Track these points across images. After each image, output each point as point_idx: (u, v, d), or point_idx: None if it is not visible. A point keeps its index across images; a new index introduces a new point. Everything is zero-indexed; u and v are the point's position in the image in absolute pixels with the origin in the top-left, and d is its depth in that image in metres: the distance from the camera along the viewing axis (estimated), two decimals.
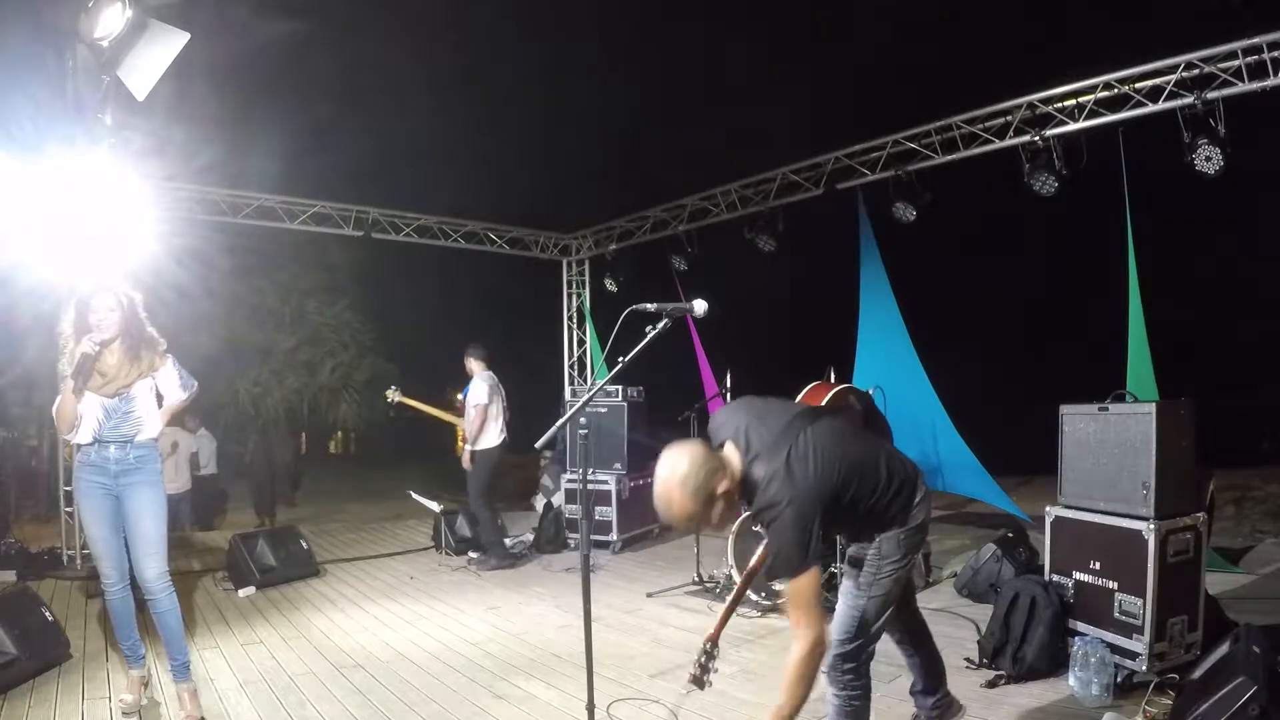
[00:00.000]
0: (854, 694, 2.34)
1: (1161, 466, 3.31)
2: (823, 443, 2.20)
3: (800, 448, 2.16)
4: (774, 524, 2.11)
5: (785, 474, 2.12)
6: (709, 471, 2.11)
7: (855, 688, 2.34)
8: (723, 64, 5.35)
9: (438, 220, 8.44)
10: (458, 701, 3.41)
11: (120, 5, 3.45)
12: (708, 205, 7.72)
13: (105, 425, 3.13)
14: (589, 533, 2.86)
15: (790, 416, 2.29)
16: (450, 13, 4.50)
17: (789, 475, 2.12)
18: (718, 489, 2.13)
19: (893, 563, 2.34)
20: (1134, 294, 5.23)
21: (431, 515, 6.90)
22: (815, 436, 2.21)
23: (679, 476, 2.10)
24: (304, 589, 5.51)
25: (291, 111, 5.59)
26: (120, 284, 3.25)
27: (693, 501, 2.10)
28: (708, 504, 2.12)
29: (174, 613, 3.21)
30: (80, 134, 3.96)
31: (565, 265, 9.77)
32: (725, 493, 2.15)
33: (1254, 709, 2.30)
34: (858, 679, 2.35)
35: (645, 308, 2.70)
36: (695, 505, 2.10)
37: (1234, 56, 4.54)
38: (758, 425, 2.25)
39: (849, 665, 2.33)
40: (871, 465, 2.29)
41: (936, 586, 5.13)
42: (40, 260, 4.22)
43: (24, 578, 5.39)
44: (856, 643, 2.34)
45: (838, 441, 2.24)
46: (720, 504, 2.15)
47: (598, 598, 3.80)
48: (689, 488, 2.09)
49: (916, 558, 2.52)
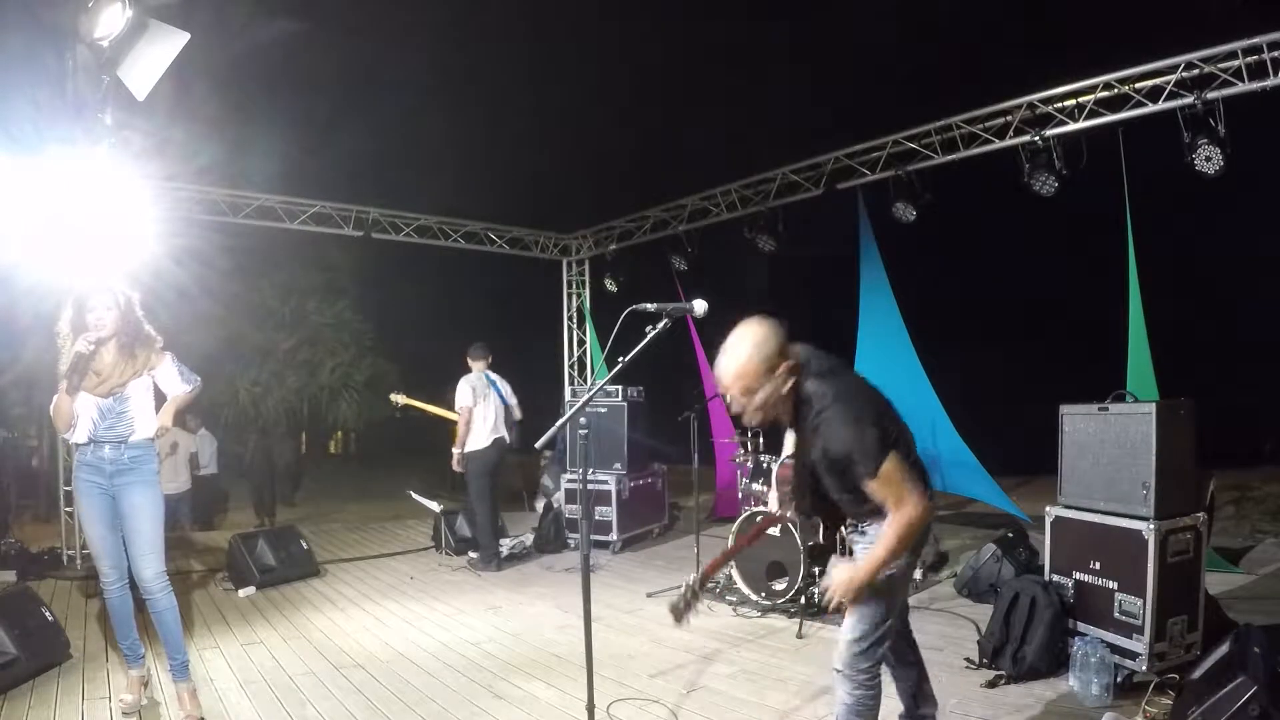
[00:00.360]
0: (868, 694, 2.33)
1: (1161, 466, 3.31)
2: (873, 390, 2.30)
3: (856, 380, 2.29)
4: (830, 432, 2.16)
5: (842, 390, 2.19)
6: (781, 345, 2.19)
7: (869, 687, 2.33)
8: (723, 64, 5.35)
9: (438, 220, 8.44)
10: (458, 701, 3.41)
11: (120, 5, 3.46)
12: (708, 205, 7.73)
13: (100, 425, 3.12)
14: (589, 533, 2.86)
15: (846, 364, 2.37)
16: (450, 12, 4.51)
17: (845, 391, 2.20)
18: (781, 366, 2.19)
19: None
20: (1134, 294, 5.23)
21: (431, 515, 6.90)
22: (867, 383, 2.32)
23: (756, 336, 2.19)
24: (304, 589, 5.51)
25: (291, 111, 5.59)
26: (117, 283, 3.24)
27: (757, 363, 2.16)
28: (767, 373, 2.18)
29: (172, 612, 3.20)
30: (80, 134, 3.96)
31: (565, 265, 9.77)
32: (784, 372, 2.19)
33: (1254, 709, 2.31)
34: (872, 679, 2.33)
35: (645, 308, 2.71)
36: (757, 367, 2.16)
37: (1234, 56, 4.54)
38: (817, 355, 2.30)
39: (864, 665, 2.32)
40: (906, 434, 2.33)
41: (936, 586, 5.13)
42: (40, 260, 4.22)
43: (24, 578, 5.39)
44: (868, 641, 2.32)
45: (884, 398, 2.33)
46: (774, 383, 2.19)
47: (598, 598, 3.79)
48: (761, 350, 2.16)
49: (916, 560, 2.49)
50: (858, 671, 2.32)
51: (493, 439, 6.13)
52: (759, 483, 5.00)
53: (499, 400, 6.19)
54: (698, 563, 5.49)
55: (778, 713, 3.21)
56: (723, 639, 4.23)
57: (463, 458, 6.10)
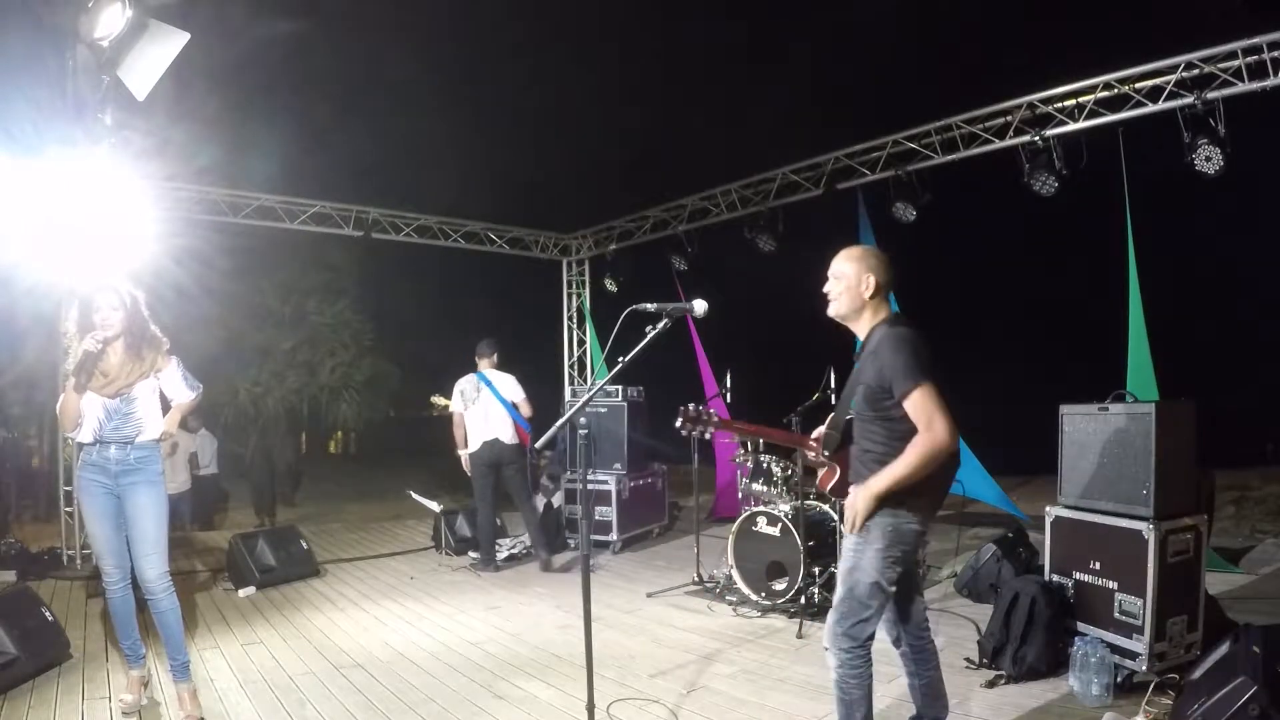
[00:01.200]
0: (850, 672, 2.42)
1: (1161, 466, 3.31)
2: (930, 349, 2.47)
3: (922, 335, 2.47)
4: (884, 349, 2.41)
5: (906, 331, 2.44)
6: (878, 280, 2.53)
7: (851, 666, 2.42)
8: (723, 64, 5.35)
9: (438, 220, 8.44)
10: (458, 701, 3.41)
11: (120, 5, 3.46)
12: (708, 205, 7.73)
13: (106, 426, 3.13)
14: (589, 533, 2.86)
15: None
16: (450, 13, 4.50)
17: (908, 332, 2.44)
18: (874, 281, 2.52)
19: (885, 548, 2.40)
20: (1134, 294, 5.23)
21: (431, 515, 6.90)
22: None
23: (874, 252, 2.64)
24: (304, 589, 5.51)
25: (291, 111, 5.59)
26: (123, 283, 3.25)
27: (861, 269, 2.53)
28: (863, 275, 2.53)
29: (174, 613, 3.21)
30: (80, 134, 3.97)
31: (565, 265, 9.77)
32: (872, 287, 2.52)
33: (1254, 709, 2.31)
34: (854, 659, 2.42)
35: (645, 308, 2.72)
36: (859, 270, 2.53)
37: (1234, 56, 4.55)
38: (903, 318, 2.57)
39: (846, 644, 2.43)
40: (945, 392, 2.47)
41: (936, 586, 5.13)
42: (40, 260, 4.22)
43: (24, 578, 5.38)
44: (850, 621, 2.43)
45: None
46: (860, 290, 2.53)
47: (598, 598, 3.80)
48: (870, 262, 2.55)
49: (912, 553, 2.51)
50: (839, 649, 2.43)
51: (483, 441, 6.01)
52: (759, 483, 5.00)
53: (496, 401, 6.06)
54: (698, 562, 5.50)
55: (778, 713, 3.21)
56: (723, 639, 4.23)
57: (468, 459, 6.10)
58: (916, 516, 2.42)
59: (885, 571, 2.40)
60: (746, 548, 4.81)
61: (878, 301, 2.55)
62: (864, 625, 2.42)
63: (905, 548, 2.43)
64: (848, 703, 2.43)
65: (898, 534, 2.40)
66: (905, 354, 2.36)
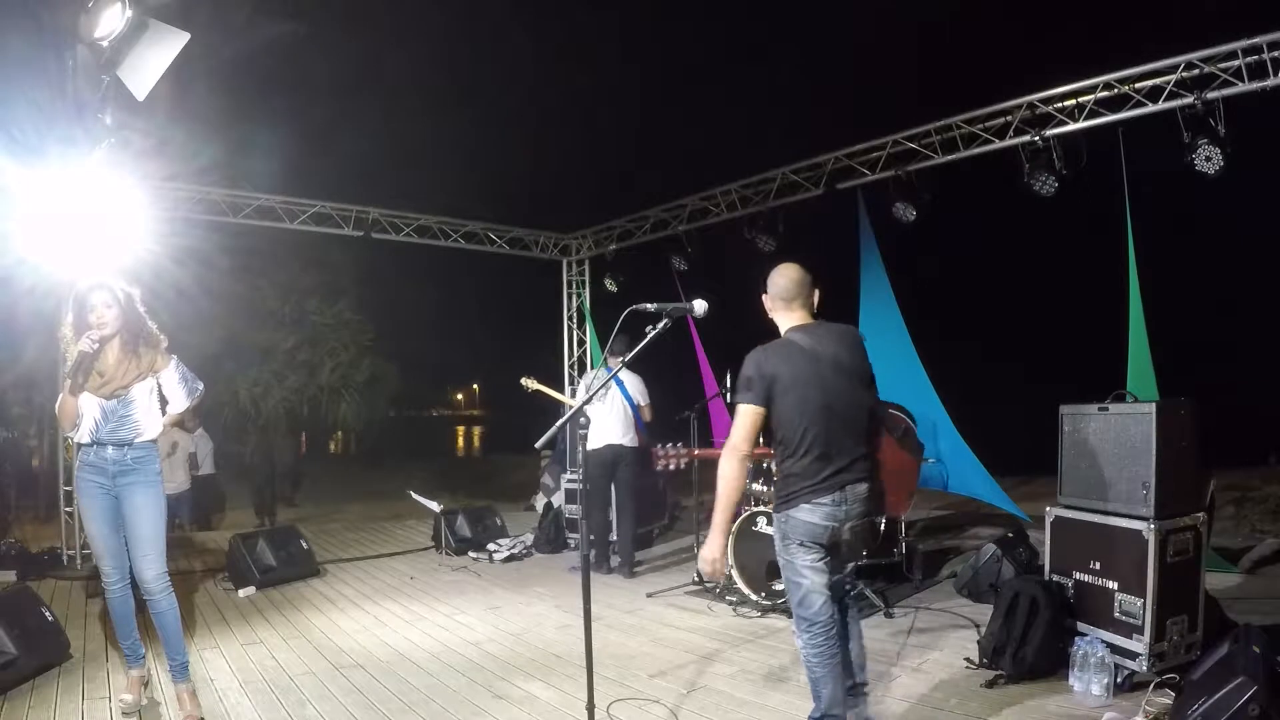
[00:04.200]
0: (812, 651, 2.65)
1: (1161, 466, 3.31)
2: (802, 360, 2.68)
3: (789, 348, 2.73)
4: None
5: (767, 347, 2.74)
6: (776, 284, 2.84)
7: (812, 645, 2.65)
8: (723, 64, 5.36)
9: (438, 220, 8.43)
10: (458, 701, 3.41)
11: (120, 5, 3.45)
12: (708, 205, 7.72)
13: (103, 427, 3.12)
14: (589, 533, 2.86)
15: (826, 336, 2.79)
16: (451, 13, 4.51)
17: (766, 348, 2.74)
18: (767, 297, 2.88)
19: (782, 542, 2.71)
20: (1134, 294, 5.23)
21: (431, 515, 6.90)
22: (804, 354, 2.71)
23: (778, 267, 2.88)
24: (304, 589, 5.51)
25: (291, 111, 5.62)
26: (115, 279, 3.21)
27: (767, 288, 2.86)
28: (766, 296, 2.87)
29: (172, 613, 3.20)
30: (80, 134, 3.96)
31: (565, 265, 9.76)
32: (769, 303, 2.87)
33: (1254, 709, 2.31)
34: (813, 638, 2.64)
35: (645, 308, 2.72)
36: (767, 290, 2.86)
37: (1234, 56, 4.54)
38: (800, 331, 2.79)
39: (801, 625, 2.68)
40: (799, 417, 2.64)
41: (936, 586, 5.13)
42: (40, 260, 4.22)
43: (24, 578, 5.38)
44: (794, 604, 2.71)
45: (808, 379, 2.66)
46: (768, 307, 2.88)
47: (598, 598, 3.79)
48: (769, 279, 2.86)
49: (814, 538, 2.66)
50: (799, 631, 2.69)
51: (606, 441, 5.82)
52: (759, 483, 4.99)
53: (625, 401, 5.84)
54: (698, 562, 5.47)
55: (777, 713, 3.21)
56: (723, 639, 4.23)
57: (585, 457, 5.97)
58: (786, 510, 2.67)
59: (791, 562, 2.69)
60: (746, 548, 4.81)
61: (779, 316, 2.84)
62: (803, 607, 2.67)
63: (799, 538, 2.66)
64: (813, 680, 2.67)
65: (781, 531, 2.71)
66: (742, 367, 2.70)
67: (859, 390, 2.70)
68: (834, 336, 2.75)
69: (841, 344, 2.74)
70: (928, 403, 6.49)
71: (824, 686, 2.61)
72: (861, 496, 2.65)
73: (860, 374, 2.73)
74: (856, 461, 2.65)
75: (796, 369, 2.64)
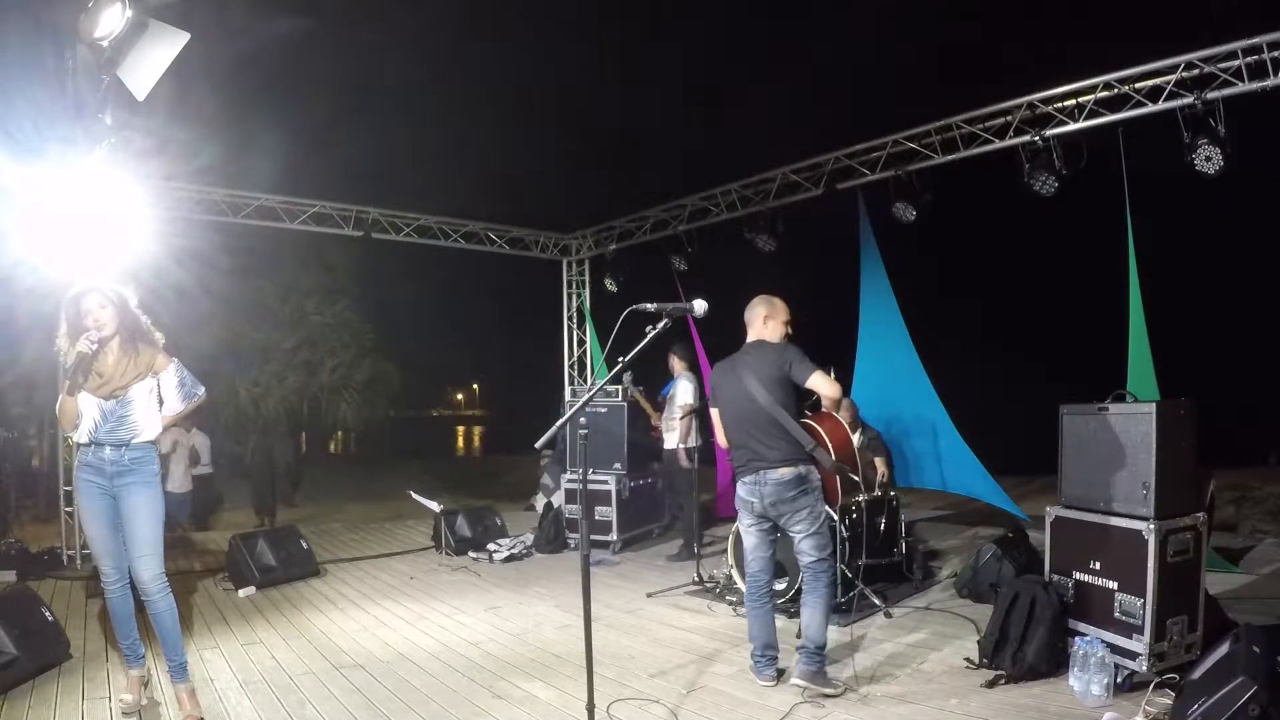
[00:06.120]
0: (746, 597, 3.63)
1: (1161, 466, 3.31)
2: (732, 377, 3.52)
3: (731, 363, 3.60)
4: None
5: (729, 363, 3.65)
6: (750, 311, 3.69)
7: (748, 597, 3.60)
8: (722, 64, 5.35)
9: (438, 220, 8.43)
10: (458, 701, 3.41)
11: (120, 5, 3.45)
12: (708, 205, 7.72)
13: (101, 428, 3.11)
14: (589, 533, 2.86)
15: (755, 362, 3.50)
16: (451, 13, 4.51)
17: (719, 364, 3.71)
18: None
19: None
20: (1134, 294, 5.23)
21: (431, 515, 6.90)
22: (740, 368, 3.51)
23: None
24: (304, 589, 5.51)
25: (291, 111, 5.59)
26: (105, 281, 3.20)
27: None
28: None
29: (170, 614, 3.20)
30: (80, 134, 3.96)
31: (565, 265, 9.77)
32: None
33: (1254, 709, 2.31)
34: (749, 591, 3.58)
35: (645, 308, 2.72)
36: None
37: (1234, 56, 4.54)
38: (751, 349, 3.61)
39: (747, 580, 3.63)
40: (728, 419, 3.57)
41: (936, 586, 5.13)
42: (40, 260, 4.22)
43: (24, 578, 5.39)
44: None
45: (737, 396, 3.48)
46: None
47: (598, 598, 3.80)
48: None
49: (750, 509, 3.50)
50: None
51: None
52: None
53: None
54: (698, 562, 5.50)
55: (778, 713, 3.21)
56: (723, 639, 4.23)
57: (689, 453, 6.09)
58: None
59: (740, 524, 3.64)
60: None
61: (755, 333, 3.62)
62: (749, 564, 3.57)
63: (739, 506, 3.56)
64: (748, 626, 3.54)
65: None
66: None
67: (764, 394, 3.36)
68: (757, 351, 3.50)
69: (760, 358, 3.46)
70: (927, 402, 6.49)
71: (752, 628, 3.52)
72: (775, 480, 3.37)
73: (767, 379, 3.37)
74: (767, 451, 3.39)
75: (724, 380, 3.56)
